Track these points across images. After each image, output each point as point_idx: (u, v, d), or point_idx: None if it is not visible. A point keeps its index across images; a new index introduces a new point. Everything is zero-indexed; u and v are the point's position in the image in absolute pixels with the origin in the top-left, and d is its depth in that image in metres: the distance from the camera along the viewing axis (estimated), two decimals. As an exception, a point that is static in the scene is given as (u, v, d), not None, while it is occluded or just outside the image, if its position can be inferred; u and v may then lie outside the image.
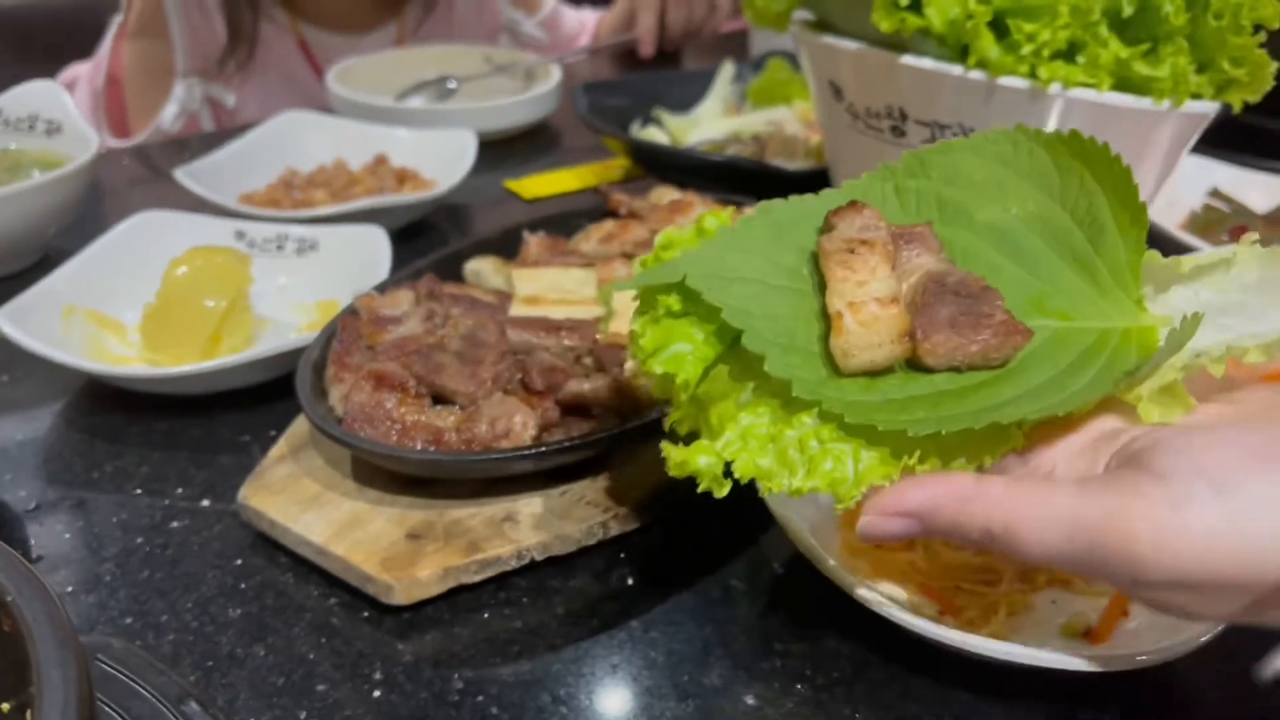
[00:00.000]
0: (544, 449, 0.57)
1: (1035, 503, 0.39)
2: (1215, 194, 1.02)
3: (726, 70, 1.25)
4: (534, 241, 0.79)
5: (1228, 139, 1.19)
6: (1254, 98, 0.73)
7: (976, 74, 0.68)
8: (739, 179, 0.97)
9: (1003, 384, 0.44)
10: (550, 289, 0.72)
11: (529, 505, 0.60)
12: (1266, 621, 0.38)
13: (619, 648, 0.54)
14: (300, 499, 0.60)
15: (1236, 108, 0.74)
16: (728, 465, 0.43)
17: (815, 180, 0.91)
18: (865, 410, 0.42)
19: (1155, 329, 0.46)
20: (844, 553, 0.57)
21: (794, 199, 0.50)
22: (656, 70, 1.60)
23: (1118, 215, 0.47)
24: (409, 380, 0.60)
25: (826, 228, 0.47)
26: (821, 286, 0.46)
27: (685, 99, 1.23)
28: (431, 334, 0.65)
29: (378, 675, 0.52)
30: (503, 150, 1.28)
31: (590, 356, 0.67)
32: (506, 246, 0.81)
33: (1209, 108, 0.73)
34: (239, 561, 0.60)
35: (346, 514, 0.59)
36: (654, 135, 1.17)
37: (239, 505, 0.61)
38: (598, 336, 0.68)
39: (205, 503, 0.65)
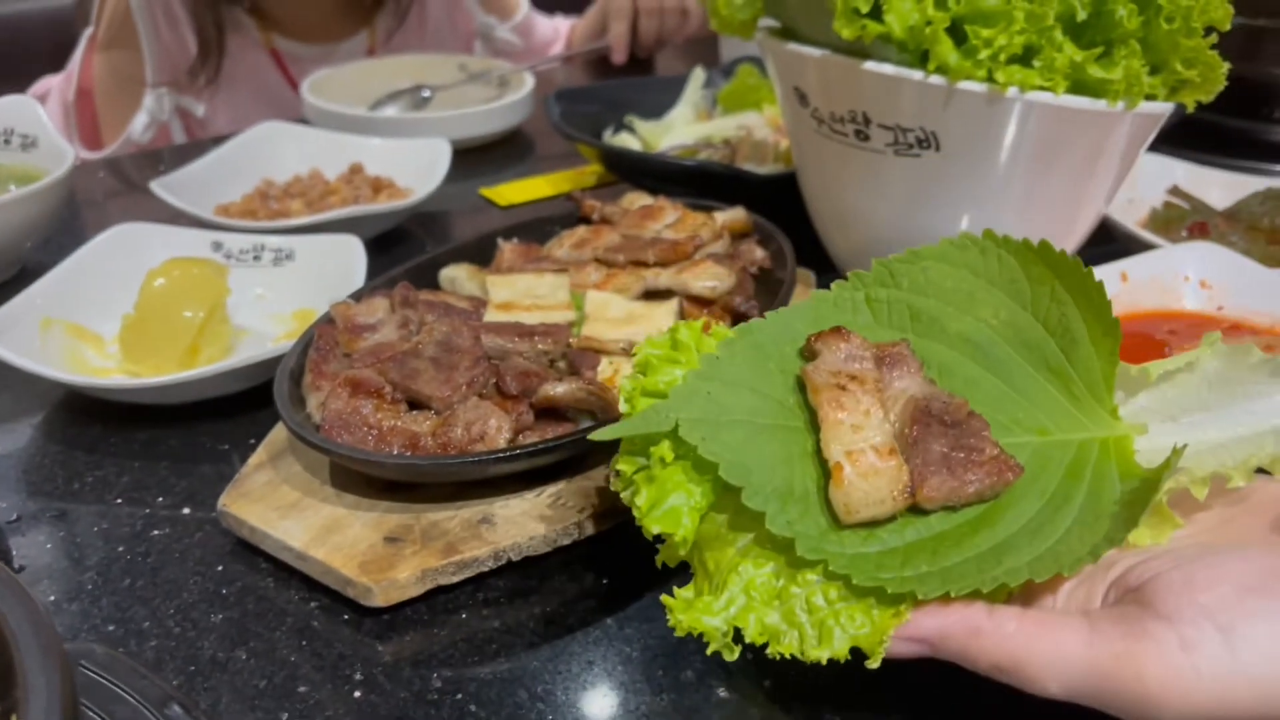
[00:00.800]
0: (518, 451, 0.58)
1: (1045, 641, 0.40)
2: (1175, 191, 1.04)
3: (697, 76, 1.27)
4: (507, 248, 0.81)
5: (1188, 138, 1.22)
6: (1207, 98, 0.76)
7: (936, 79, 0.69)
8: (709, 183, 0.99)
9: (996, 518, 0.44)
10: (524, 295, 0.73)
11: (505, 507, 0.61)
12: None
13: (595, 645, 0.55)
14: (279, 505, 0.61)
15: (1190, 108, 0.76)
16: (737, 630, 0.43)
17: (784, 183, 0.93)
18: (870, 568, 0.42)
19: (1130, 438, 0.47)
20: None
21: (770, 316, 0.50)
22: (629, 77, 1.62)
23: (1090, 326, 0.48)
24: (385, 386, 0.61)
25: (809, 353, 0.48)
26: (811, 421, 0.46)
27: (657, 105, 1.25)
28: (406, 340, 0.66)
29: (358, 676, 0.53)
30: (478, 158, 1.29)
31: (564, 360, 0.68)
32: (481, 253, 0.82)
33: (1163, 108, 0.75)
34: (220, 568, 0.61)
35: (325, 519, 0.60)
36: (626, 141, 1.19)
37: (219, 512, 0.62)
38: (571, 340, 0.69)
39: (186, 511, 0.66)
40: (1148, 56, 0.72)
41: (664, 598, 0.45)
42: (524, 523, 0.60)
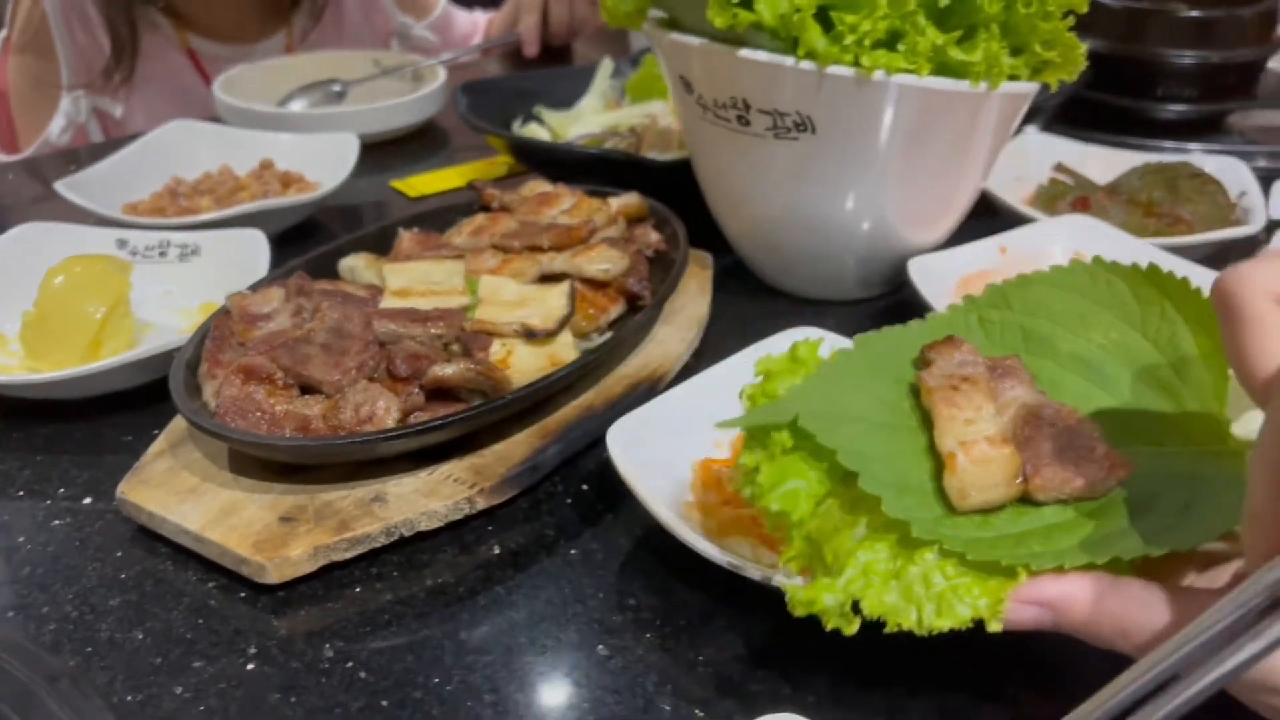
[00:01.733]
0: (405, 431, 0.61)
1: (1174, 609, 0.39)
2: (1060, 168, 1.09)
3: (605, 66, 1.30)
4: (406, 237, 0.83)
5: (1078, 117, 1.27)
6: (1069, 78, 0.80)
7: (807, 64, 0.73)
8: (612, 171, 1.01)
9: (1110, 514, 0.45)
10: (419, 281, 0.75)
11: (398, 486, 0.63)
12: None
13: (483, 612, 0.58)
14: (178, 491, 0.63)
15: (1054, 87, 0.80)
16: (855, 603, 0.44)
17: (682, 171, 0.96)
18: (984, 547, 0.43)
19: (1244, 453, 0.46)
20: (691, 513, 0.61)
21: (886, 331, 0.52)
22: (540, 68, 1.64)
23: (1200, 344, 0.49)
24: (276, 372, 0.63)
25: (924, 362, 0.50)
26: (925, 422, 0.47)
27: (567, 95, 1.27)
28: (300, 328, 0.68)
29: (252, 650, 0.56)
30: (391, 151, 1.31)
31: (458, 343, 0.70)
32: (381, 243, 0.84)
33: (1027, 88, 0.79)
34: (119, 554, 0.62)
35: (223, 503, 0.62)
36: (535, 132, 1.21)
37: (118, 500, 0.63)
38: (465, 324, 0.71)
39: (88, 501, 0.67)
40: (1009, 39, 0.75)
41: (785, 585, 0.47)
42: (416, 500, 0.62)
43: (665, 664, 0.54)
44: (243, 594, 0.59)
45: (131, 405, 0.76)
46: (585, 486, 0.68)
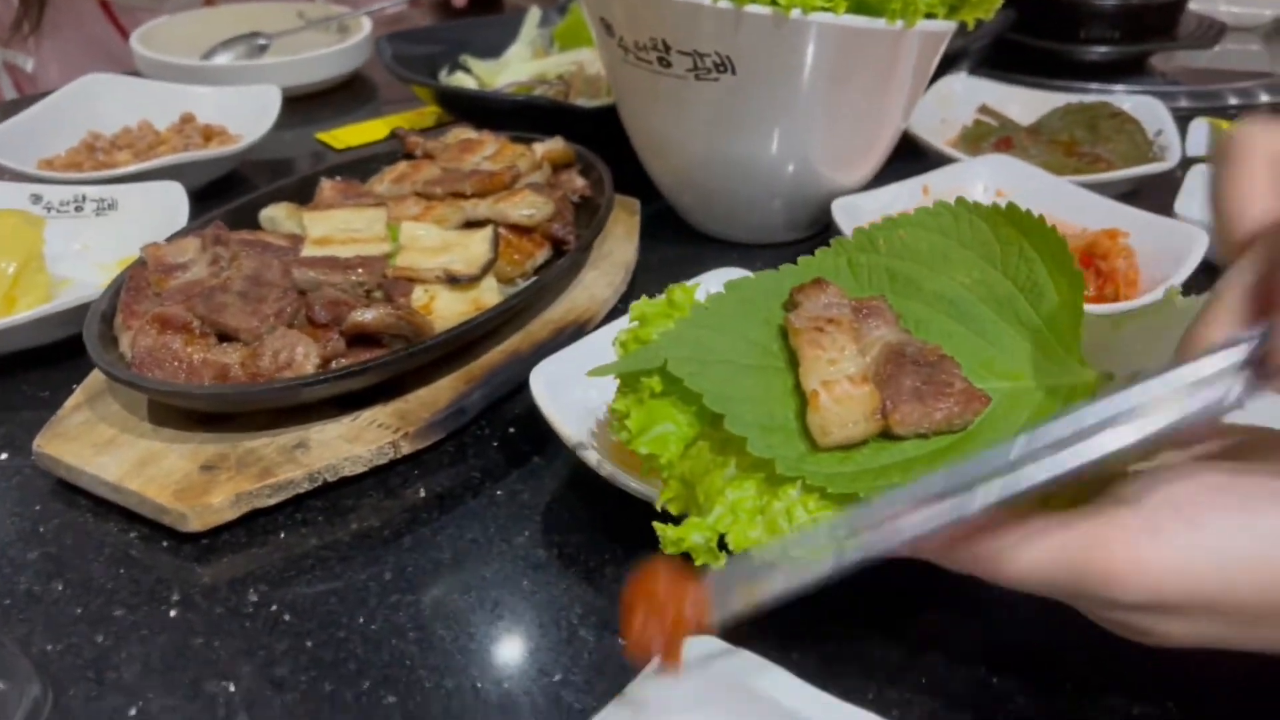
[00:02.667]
0: (324, 377, 0.60)
1: (1019, 530, 0.41)
2: (984, 110, 1.10)
3: (533, 15, 1.28)
4: (328, 186, 0.82)
5: (1004, 60, 1.29)
6: (986, 16, 0.81)
7: (725, 4, 0.72)
8: (539, 118, 1.01)
9: (967, 446, 0.47)
10: (340, 229, 0.74)
11: (321, 432, 0.63)
12: (1233, 645, 0.40)
13: (408, 553, 0.58)
14: (95, 443, 0.62)
15: (970, 25, 0.81)
16: (721, 538, 0.45)
17: (608, 117, 0.95)
18: (845, 481, 0.45)
19: (1096, 383, 0.49)
20: (614, 452, 0.62)
21: (759, 275, 0.53)
22: (467, 18, 1.61)
23: (1056, 280, 0.51)
24: (192, 321, 0.63)
25: (792, 304, 0.51)
26: (792, 362, 0.49)
27: (495, 44, 1.26)
28: (217, 277, 0.67)
29: (175, 597, 0.55)
30: (317, 104, 1.29)
31: (380, 291, 0.70)
32: (302, 193, 0.83)
33: (945, 26, 0.79)
34: (38, 508, 0.62)
35: (141, 453, 0.61)
36: (463, 81, 1.19)
37: (34, 454, 0.62)
38: (387, 271, 0.71)
39: (3, 456, 0.66)
40: (925, -23, 0.76)
41: (656, 524, 0.47)
42: (339, 445, 0.62)
43: (590, 597, 0.55)
44: (165, 544, 0.59)
45: (48, 362, 0.75)
46: (512, 430, 0.68)
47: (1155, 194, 0.93)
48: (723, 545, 0.45)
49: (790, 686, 0.43)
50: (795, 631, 0.52)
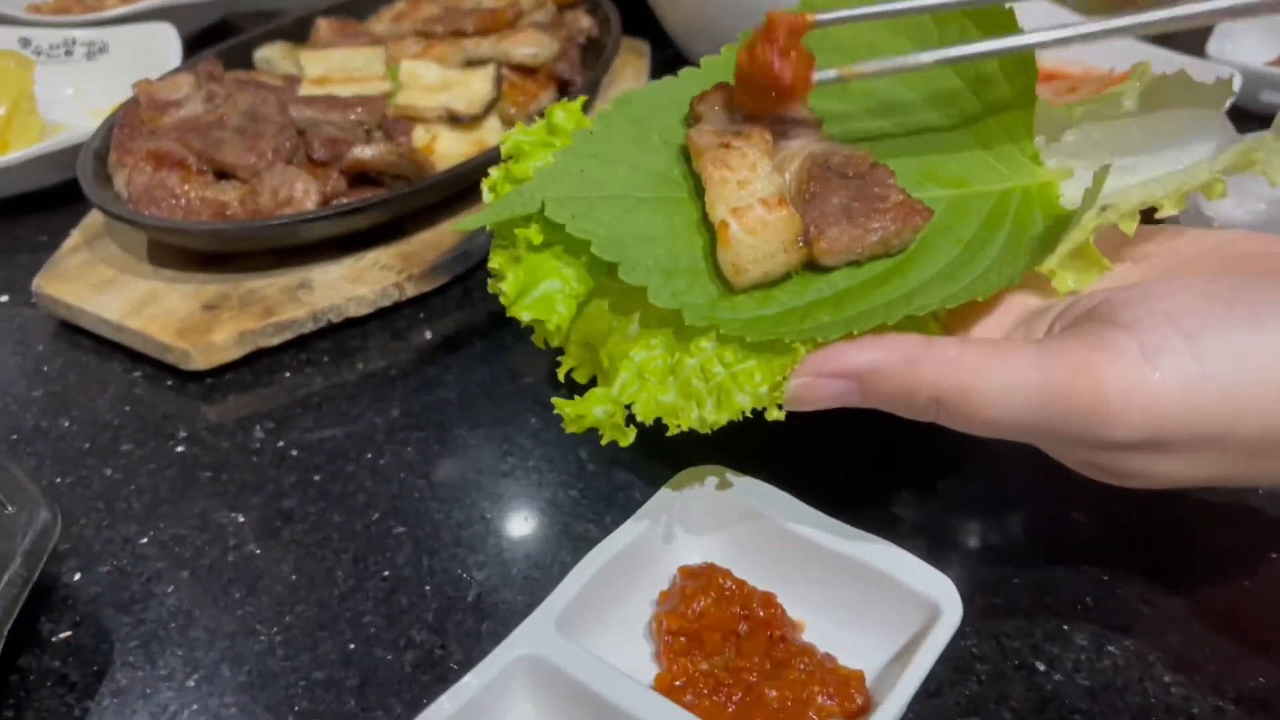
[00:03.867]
0: (325, 213, 0.59)
1: (992, 363, 0.35)
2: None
3: None
4: (324, 25, 0.79)
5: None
6: None
7: None
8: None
9: (908, 270, 0.40)
10: (338, 69, 0.72)
11: (324, 273, 0.62)
12: (1232, 482, 0.36)
13: (415, 392, 0.58)
14: (95, 283, 0.61)
15: None
16: (629, 409, 0.39)
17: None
18: (766, 325, 0.38)
19: (1055, 184, 0.43)
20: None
21: (653, 85, 0.45)
22: None
23: (1003, 63, 0.43)
24: (188, 157, 0.61)
25: (693, 118, 0.43)
26: (698, 189, 0.41)
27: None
28: (213, 114, 0.65)
29: (182, 433, 0.55)
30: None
31: (379, 130, 0.68)
32: (299, 33, 0.80)
33: None
34: (41, 348, 0.61)
35: (142, 293, 0.60)
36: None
37: (35, 294, 0.62)
38: (386, 111, 0.69)
39: (4, 299, 0.65)
40: None
41: (555, 400, 0.41)
42: (343, 286, 0.61)
43: (599, 434, 0.55)
44: (170, 383, 0.59)
45: (44, 206, 0.73)
46: (518, 274, 0.67)
47: (1188, 37, 0.90)
48: (632, 419, 0.40)
49: (797, 509, 0.43)
50: (804, 465, 0.52)
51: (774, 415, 0.39)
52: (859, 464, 0.52)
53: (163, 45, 0.82)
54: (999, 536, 0.48)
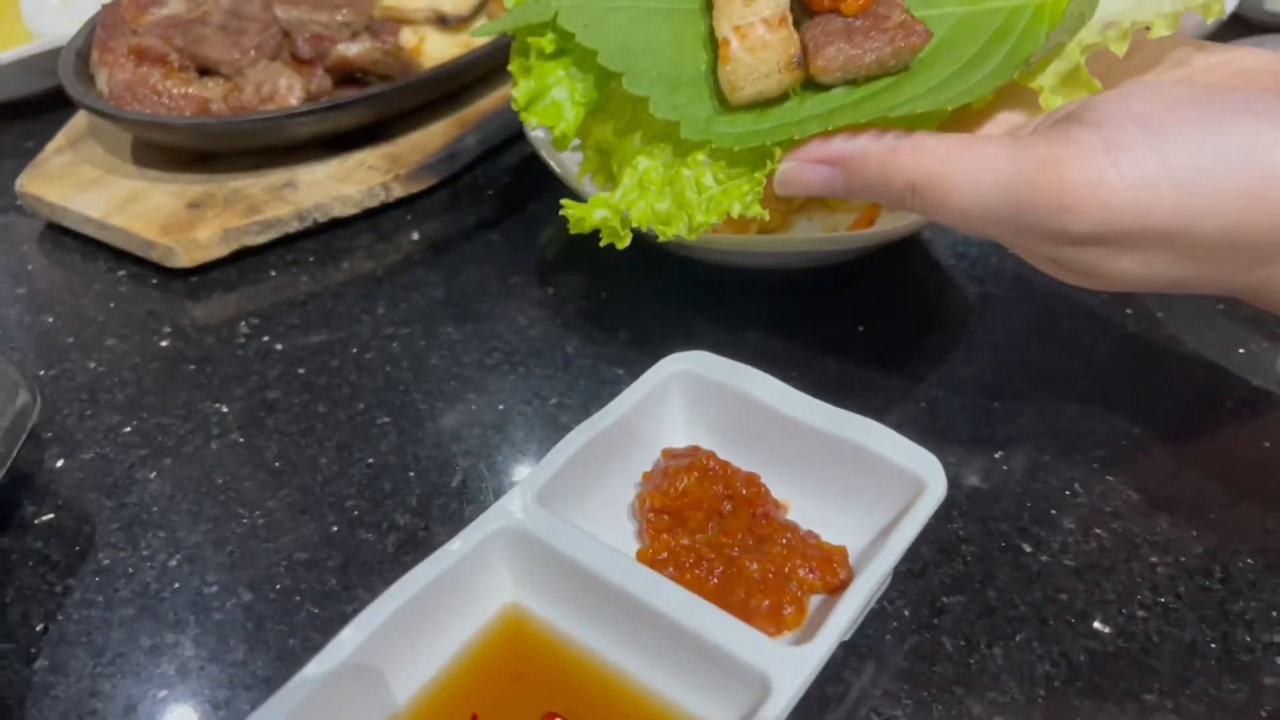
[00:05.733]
0: (309, 109, 0.58)
1: (967, 153, 0.36)
2: None
3: None
4: (312, -71, 0.77)
5: None
6: None
7: None
8: None
9: (902, 86, 0.40)
10: (326, -30, 0.70)
11: (309, 173, 0.61)
12: (1185, 287, 0.37)
13: (401, 291, 0.57)
14: (79, 182, 0.61)
15: None
16: (627, 214, 0.41)
17: None
18: (757, 138, 0.39)
19: (1066, 2, 0.41)
20: (613, 191, 0.60)
21: None
22: None
23: None
24: (170, 54, 0.60)
25: None
26: (709, 3, 0.42)
27: None
28: (195, 11, 0.64)
29: (166, 329, 0.55)
30: None
31: (366, 31, 0.67)
32: (286, -62, 0.78)
33: None
34: (24, 248, 0.61)
35: (127, 192, 0.60)
36: None
37: (18, 194, 0.61)
38: (374, 12, 0.67)
39: (-12, 201, 0.65)
40: None
41: (564, 201, 0.43)
42: (329, 185, 0.60)
43: (586, 329, 0.54)
44: (155, 280, 0.58)
45: (30, 113, 0.72)
46: (508, 179, 0.66)
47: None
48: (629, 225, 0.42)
49: (783, 392, 0.42)
50: (794, 359, 0.51)
51: (756, 211, 0.40)
52: (848, 352, 0.51)
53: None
54: (988, 422, 0.47)
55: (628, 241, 0.42)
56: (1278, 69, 0.38)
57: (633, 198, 0.41)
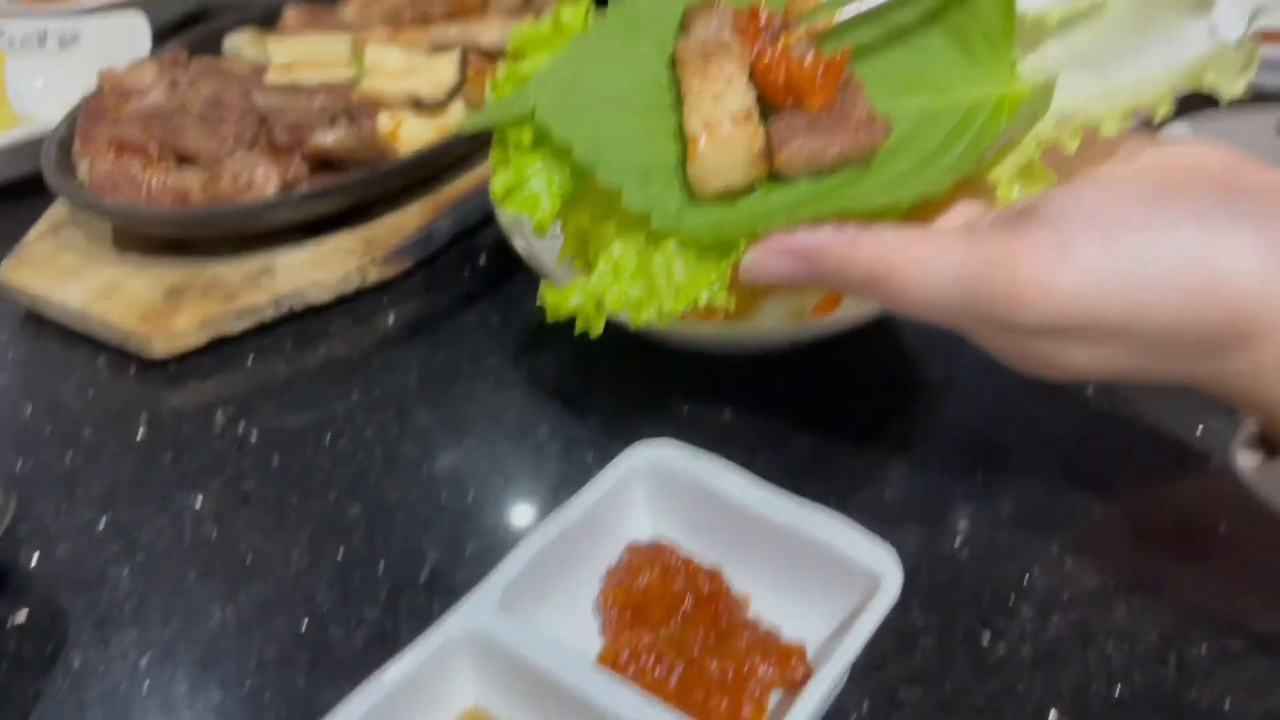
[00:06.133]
0: (286, 199, 0.59)
1: (923, 247, 0.38)
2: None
3: None
4: (293, 13, 0.79)
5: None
6: None
7: None
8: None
9: (864, 179, 0.42)
10: (305, 55, 0.72)
11: (287, 258, 0.62)
12: (1139, 377, 0.38)
13: (376, 375, 0.58)
14: (60, 271, 0.62)
15: None
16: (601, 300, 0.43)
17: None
18: (726, 228, 0.41)
19: (1026, 93, 0.43)
20: (585, 274, 0.61)
21: None
22: None
23: None
24: (150, 144, 0.61)
25: (685, 27, 0.45)
26: (681, 99, 0.43)
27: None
28: (176, 101, 0.65)
29: (143, 419, 0.56)
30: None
31: (344, 116, 0.68)
32: (269, 21, 0.80)
33: None
34: (5, 337, 0.62)
35: (106, 280, 0.61)
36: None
37: (0, 284, 0.62)
38: (352, 97, 0.69)
39: (-30, 288, 0.66)
40: None
41: (543, 286, 0.44)
42: (305, 271, 0.61)
43: (557, 413, 0.55)
44: (133, 369, 0.59)
45: (13, 198, 0.74)
46: (483, 260, 0.67)
47: None
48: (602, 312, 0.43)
49: (746, 483, 0.43)
50: (761, 440, 0.52)
51: (722, 301, 0.42)
52: (813, 433, 0.52)
53: (133, 35, 0.83)
54: (949, 507, 0.48)
55: (600, 330, 0.43)
56: (1221, 163, 0.40)
57: (607, 283, 0.43)
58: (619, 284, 0.42)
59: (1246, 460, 0.40)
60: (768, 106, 0.43)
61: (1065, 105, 0.43)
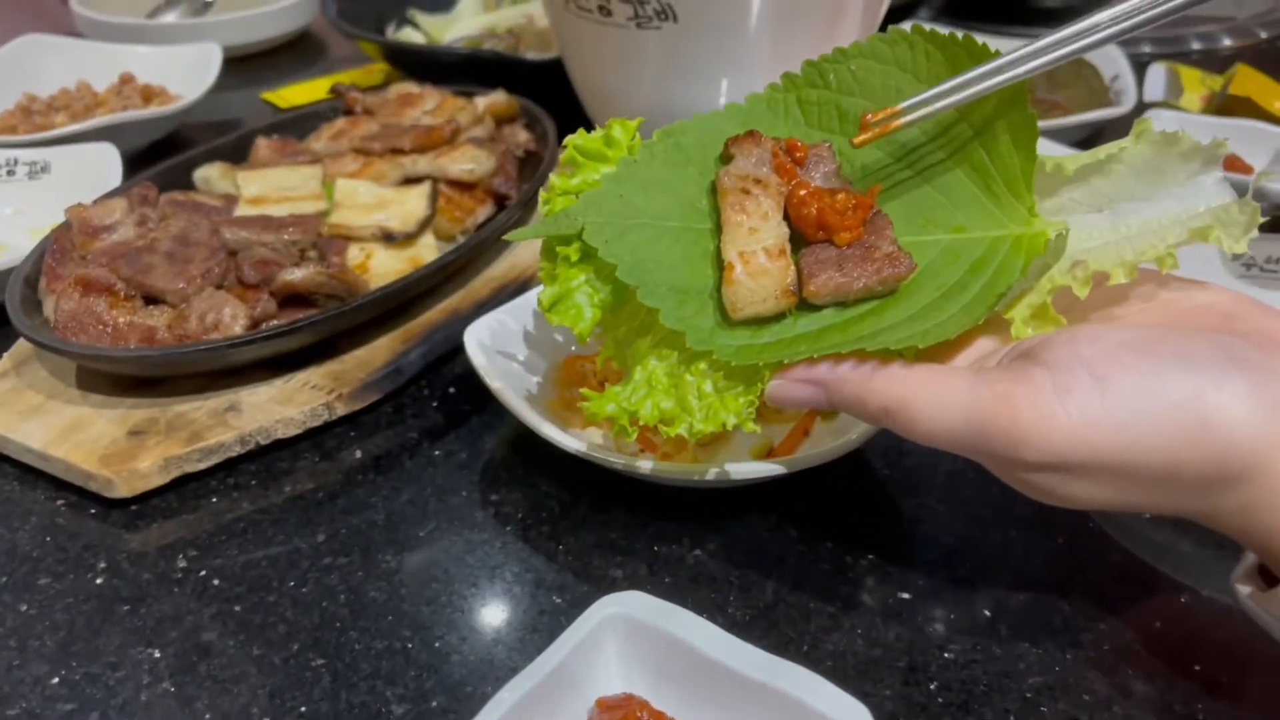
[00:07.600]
0: (251, 337, 0.59)
1: (933, 383, 0.41)
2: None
3: (484, -33, 1.26)
4: (263, 144, 0.80)
5: (958, 9, 1.27)
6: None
7: (663, -52, 0.71)
8: (487, 73, 0.99)
9: (887, 310, 0.45)
10: (275, 188, 0.73)
11: (253, 395, 0.62)
12: (1136, 508, 0.41)
13: (342, 515, 0.57)
14: (22, 410, 0.61)
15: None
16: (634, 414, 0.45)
17: (554, 69, 0.93)
18: (752, 353, 0.44)
19: (1045, 235, 0.46)
20: (553, 409, 0.61)
21: (697, 119, 0.50)
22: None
23: (1010, 120, 0.47)
24: (117, 283, 0.61)
25: (725, 157, 0.48)
26: (719, 224, 0.47)
27: (444, -1, 1.23)
28: (144, 238, 0.65)
29: (102, 564, 0.54)
30: (264, 63, 1.26)
31: (314, 250, 0.68)
32: (238, 152, 0.81)
33: (889, -33, 0.78)
34: (-37, 478, 0.60)
35: (69, 419, 0.60)
36: (410, 37, 1.17)
37: (-42, 424, 0.61)
38: (321, 230, 0.69)
39: (-71, 427, 0.64)
40: (868, -82, 0.74)
41: (582, 391, 0.47)
42: (271, 408, 0.61)
43: (525, 554, 0.54)
44: (93, 510, 0.58)
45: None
46: (452, 390, 0.67)
47: (1113, 138, 0.93)
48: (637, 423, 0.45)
49: (722, 640, 0.42)
50: (730, 583, 0.51)
51: (749, 428, 0.45)
52: (785, 573, 0.52)
53: (104, 165, 0.83)
54: (924, 652, 0.47)
55: (634, 438, 0.46)
56: (1226, 307, 0.43)
57: (640, 395, 0.45)
58: (652, 396, 0.46)
59: (1245, 589, 0.42)
60: (799, 237, 0.46)
61: (1077, 247, 0.46)
